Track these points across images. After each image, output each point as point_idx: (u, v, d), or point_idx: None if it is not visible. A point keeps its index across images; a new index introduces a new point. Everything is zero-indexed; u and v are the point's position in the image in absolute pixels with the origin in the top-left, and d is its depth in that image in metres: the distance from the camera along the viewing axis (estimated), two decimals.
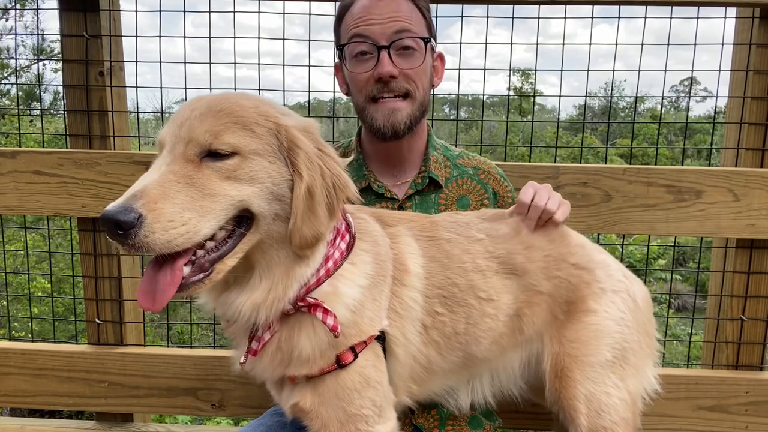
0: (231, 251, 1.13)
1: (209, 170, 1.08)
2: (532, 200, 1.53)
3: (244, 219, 1.14)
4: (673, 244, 2.57)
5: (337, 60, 1.75)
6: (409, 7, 1.61)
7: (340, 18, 1.67)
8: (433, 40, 1.68)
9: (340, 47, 1.67)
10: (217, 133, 1.09)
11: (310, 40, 2.24)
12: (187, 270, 1.08)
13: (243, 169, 1.10)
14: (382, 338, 1.33)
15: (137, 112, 2.70)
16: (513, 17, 2.23)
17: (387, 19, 1.57)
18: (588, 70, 2.32)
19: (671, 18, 2.17)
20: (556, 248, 1.52)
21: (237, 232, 1.13)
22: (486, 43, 2.23)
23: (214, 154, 1.09)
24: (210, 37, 2.24)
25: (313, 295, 1.23)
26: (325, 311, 1.21)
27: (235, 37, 2.23)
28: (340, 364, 1.26)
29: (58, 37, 2.13)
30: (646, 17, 2.17)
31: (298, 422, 1.37)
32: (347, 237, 1.31)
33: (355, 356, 1.27)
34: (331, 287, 1.25)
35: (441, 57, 1.77)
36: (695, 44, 2.20)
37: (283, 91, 2.37)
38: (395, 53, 1.59)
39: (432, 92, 1.81)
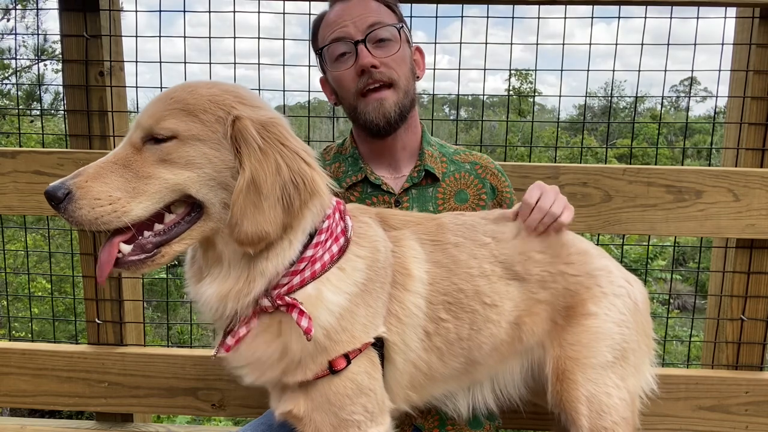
0: (178, 236, 1.15)
1: (148, 153, 1.12)
2: (537, 202, 1.51)
3: (197, 206, 1.15)
4: (670, 244, 2.57)
5: (321, 75, 1.77)
6: (377, 6, 1.65)
7: (315, 31, 1.72)
8: (405, 26, 1.70)
9: (318, 52, 1.70)
10: (160, 117, 1.12)
11: (309, 40, 2.23)
12: (127, 248, 1.12)
13: (178, 153, 1.12)
14: (381, 345, 1.33)
15: (137, 112, 2.70)
16: (513, 17, 2.23)
17: (358, 17, 1.61)
18: (588, 70, 2.32)
19: (671, 18, 2.18)
20: (553, 261, 1.50)
21: (186, 218, 1.15)
22: (486, 43, 2.23)
23: (156, 139, 1.12)
24: (210, 37, 2.24)
25: (295, 296, 1.22)
26: (301, 312, 1.19)
27: (234, 37, 2.23)
28: (332, 370, 1.25)
29: (59, 37, 2.13)
30: (645, 17, 2.17)
31: (288, 426, 1.37)
32: (341, 240, 1.29)
33: (348, 363, 1.26)
34: (315, 290, 1.23)
35: (419, 50, 1.79)
36: (695, 44, 2.20)
37: (283, 91, 2.37)
38: (372, 46, 1.61)
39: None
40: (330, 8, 1.68)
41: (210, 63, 2.23)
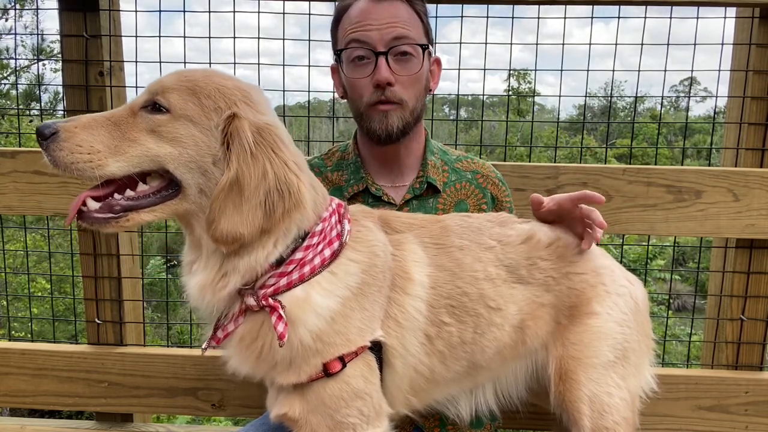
0: (149, 207, 1.18)
1: (140, 119, 1.16)
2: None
3: (174, 184, 1.18)
4: (670, 244, 2.57)
5: (333, 63, 1.74)
6: (407, 12, 1.60)
7: (337, 21, 1.66)
8: (430, 46, 1.67)
9: (337, 52, 1.66)
10: (166, 89, 1.16)
11: (309, 40, 2.24)
12: (94, 205, 1.17)
13: (167, 127, 1.15)
14: (379, 349, 1.32)
15: None
16: (513, 17, 2.23)
17: (385, 25, 1.56)
18: (588, 70, 2.32)
19: (671, 18, 2.18)
20: (558, 265, 1.50)
21: (162, 193, 1.18)
22: (486, 43, 2.23)
23: (152, 107, 1.16)
24: (209, 37, 2.24)
25: (281, 298, 1.22)
26: (279, 317, 1.19)
27: (234, 37, 2.23)
28: (327, 372, 1.25)
29: (58, 37, 2.13)
30: (645, 17, 2.17)
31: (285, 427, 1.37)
32: (335, 244, 1.29)
33: (344, 366, 1.26)
34: (303, 293, 1.23)
35: (438, 62, 1.76)
36: (695, 44, 2.20)
37: (283, 91, 2.37)
38: (393, 59, 1.57)
39: (432, 93, 1.81)
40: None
41: (210, 63, 2.23)
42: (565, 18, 2.20)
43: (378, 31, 1.56)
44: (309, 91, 2.36)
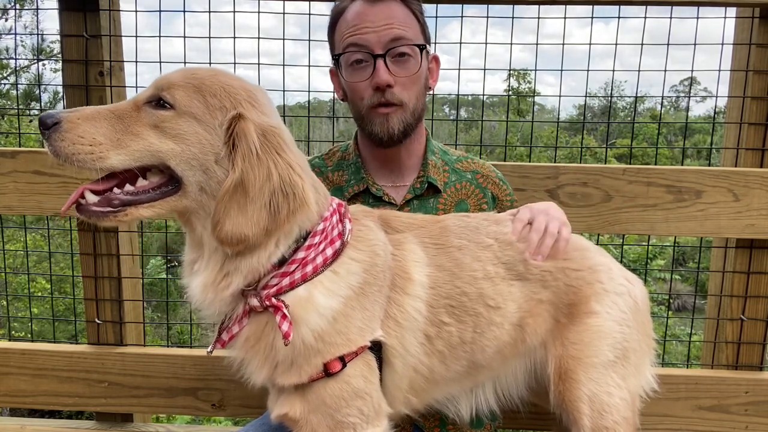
0: (148, 202, 1.18)
1: (144, 114, 1.16)
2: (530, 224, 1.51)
3: (175, 180, 1.18)
4: (670, 244, 2.57)
5: (332, 66, 1.74)
6: (403, 13, 1.60)
7: (333, 24, 1.67)
8: (428, 46, 1.67)
9: (335, 57, 1.66)
10: (172, 85, 1.16)
11: (309, 40, 2.24)
12: (93, 198, 1.16)
13: (171, 123, 1.15)
14: (379, 348, 1.33)
15: None
16: (513, 17, 2.23)
17: (381, 27, 1.56)
18: (588, 70, 2.32)
19: (671, 18, 2.18)
20: (554, 260, 1.50)
21: (162, 189, 1.18)
22: (486, 43, 2.23)
23: (157, 103, 1.16)
24: (210, 37, 2.24)
25: (284, 298, 1.22)
26: (284, 316, 1.20)
27: (234, 38, 2.23)
28: (327, 372, 1.25)
29: (58, 37, 2.12)
30: (645, 17, 2.18)
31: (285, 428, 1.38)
32: (337, 243, 1.29)
33: (344, 365, 1.26)
34: (306, 292, 1.24)
35: (436, 59, 1.76)
36: (695, 44, 2.20)
37: (283, 91, 2.37)
38: (391, 60, 1.57)
39: (432, 93, 1.81)
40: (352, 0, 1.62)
41: (210, 63, 2.22)
42: (565, 18, 2.20)
43: (375, 34, 1.56)
44: (309, 91, 2.36)
